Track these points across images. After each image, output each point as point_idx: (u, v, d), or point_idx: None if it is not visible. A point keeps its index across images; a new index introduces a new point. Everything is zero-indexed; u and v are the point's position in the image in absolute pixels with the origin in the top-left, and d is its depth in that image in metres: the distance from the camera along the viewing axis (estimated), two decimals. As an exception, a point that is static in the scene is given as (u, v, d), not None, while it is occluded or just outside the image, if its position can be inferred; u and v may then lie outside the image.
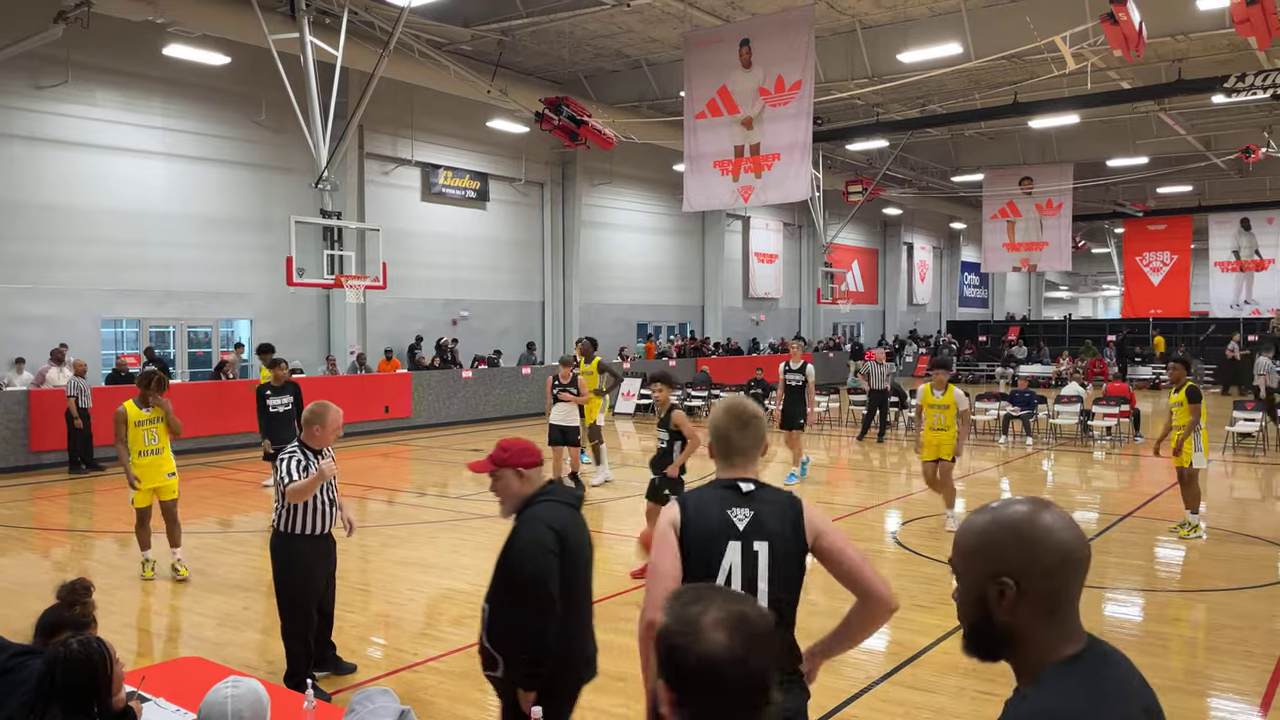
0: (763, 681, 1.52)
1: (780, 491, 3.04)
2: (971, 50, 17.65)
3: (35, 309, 16.64)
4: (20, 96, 16.44)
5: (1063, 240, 30.98)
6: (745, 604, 1.59)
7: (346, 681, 5.65)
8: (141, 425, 7.91)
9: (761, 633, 1.54)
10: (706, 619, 1.51)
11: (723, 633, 1.50)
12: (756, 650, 1.51)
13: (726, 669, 1.49)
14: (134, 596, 7.68)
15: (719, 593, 1.59)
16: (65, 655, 2.89)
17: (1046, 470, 14.86)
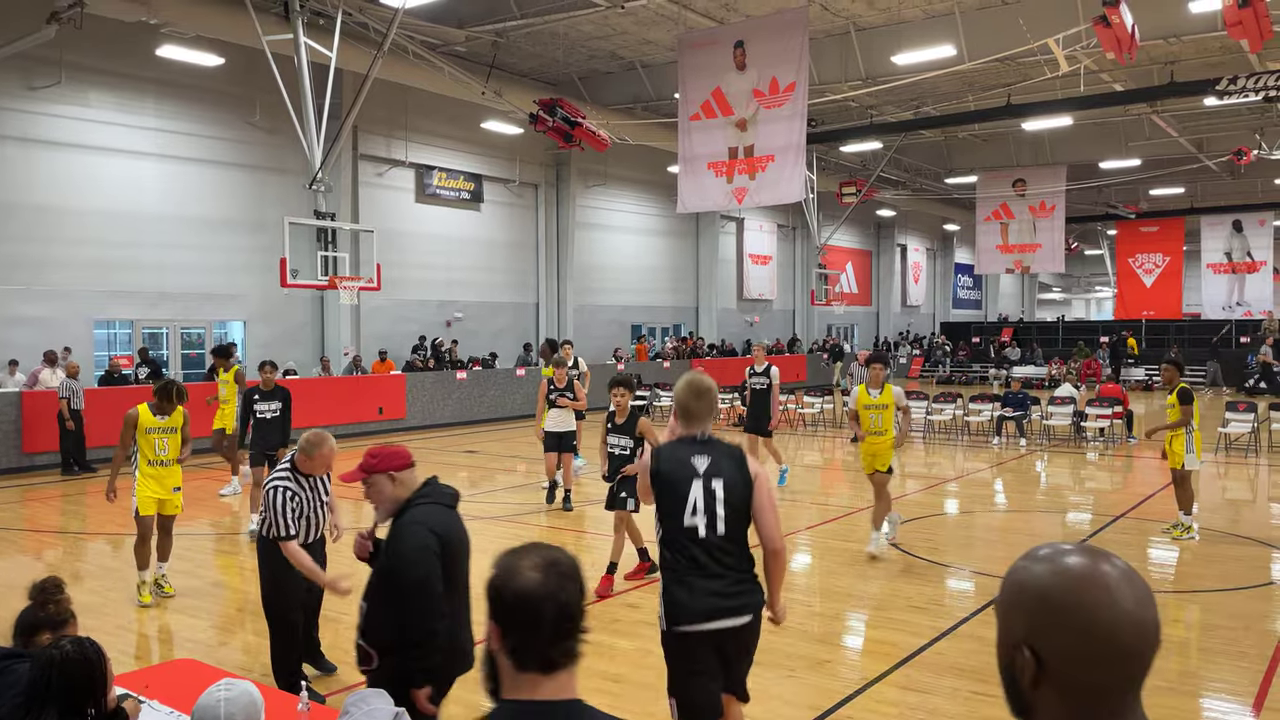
0: (572, 612, 1.74)
1: (727, 443, 3.86)
2: (965, 52, 17.70)
3: (28, 310, 16.58)
4: (13, 97, 16.40)
5: (1056, 242, 31.08)
6: (557, 552, 1.80)
7: (341, 683, 5.64)
8: (153, 433, 7.52)
9: (569, 572, 1.76)
10: (523, 563, 1.75)
11: (536, 572, 1.73)
12: (566, 586, 1.74)
13: (540, 602, 1.71)
14: (127, 599, 7.65)
15: (536, 546, 1.81)
16: (61, 657, 2.88)
17: (1040, 471, 14.90)
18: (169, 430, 7.53)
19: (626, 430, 7.85)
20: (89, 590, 7.95)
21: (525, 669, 1.72)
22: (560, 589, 1.72)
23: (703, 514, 3.69)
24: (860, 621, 7.15)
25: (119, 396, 15.57)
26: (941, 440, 18.20)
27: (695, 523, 3.69)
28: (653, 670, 5.97)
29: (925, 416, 19.08)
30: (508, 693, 1.74)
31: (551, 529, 10.26)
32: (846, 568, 8.67)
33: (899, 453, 8.99)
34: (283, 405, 9.90)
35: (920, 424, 19.24)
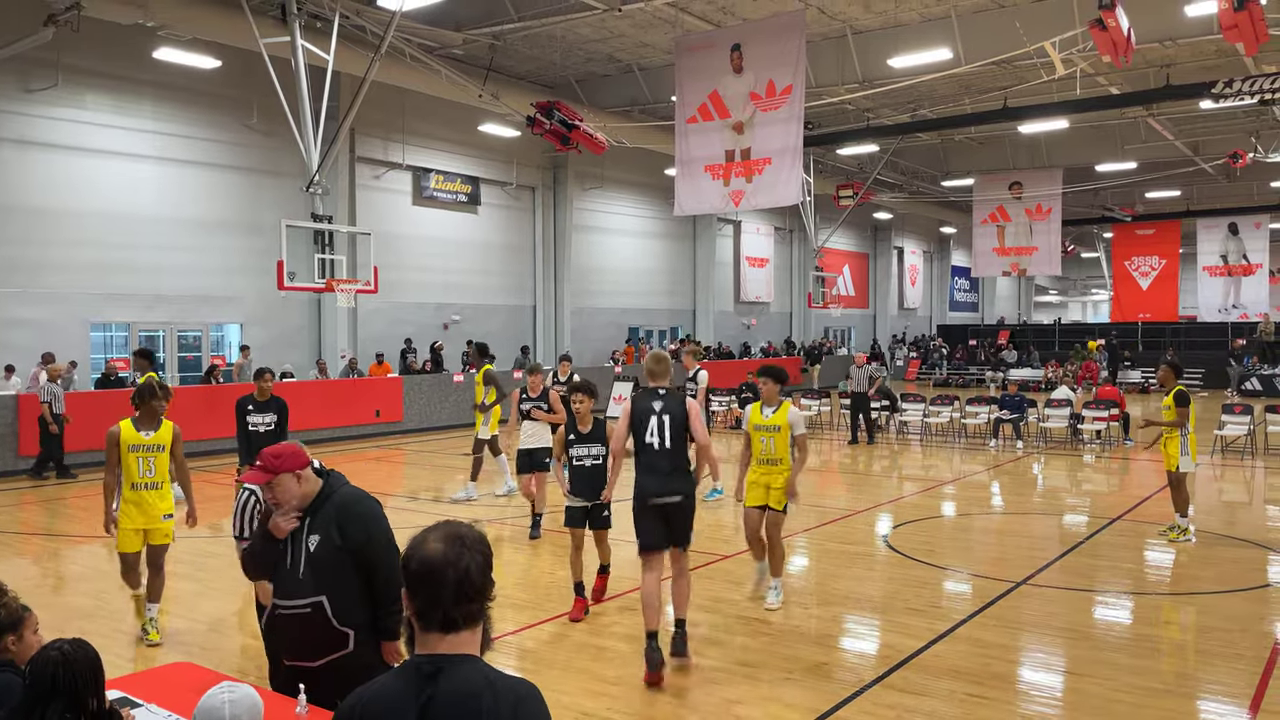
0: (471, 579, 1.98)
1: (678, 393, 6.17)
2: (962, 55, 17.74)
3: (25, 313, 16.56)
4: (9, 100, 16.39)
5: (1052, 245, 31.15)
6: (463, 528, 2.05)
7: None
8: (136, 452, 6.42)
9: (471, 544, 2.01)
10: (430, 536, 2.02)
11: (440, 543, 2.00)
12: (465, 555, 1.99)
13: (442, 569, 1.96)
14: (122, 601, 7.64)
15: (446, 523, 2.08)
16: (63, 657, 2.89)
17: (1037, 474, 14.92)
18: (154, 449, 6.46)
19: (594, 438, 7.06)
20: (83, 594, 7.94)
21: (429, 629, 1.98)
22: (459, 557, 1.98)
23: (656, 435, 6.01)
24: (857, 624, 7.15)
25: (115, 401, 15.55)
26: (938, 443, 18.22)
27: (652, 440, 6.02)
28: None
29: (922, 419, 19.10)
30: (417, 649, 2.00)
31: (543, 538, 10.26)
32: (844, 570, 8.67)
33: (795, 497, 7.11)
34: (279, 418, 8.90)
35: (917, 426, 19.28)
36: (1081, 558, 9.06)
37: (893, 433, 19.23)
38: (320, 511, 3.62)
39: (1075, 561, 8.90)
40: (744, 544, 9.57)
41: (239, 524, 4.75)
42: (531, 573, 8.51)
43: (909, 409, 19.48)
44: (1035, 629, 6.92)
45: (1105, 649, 6.43)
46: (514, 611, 7.29)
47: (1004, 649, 6.44)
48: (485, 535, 2.07)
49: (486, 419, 12.19)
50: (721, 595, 7.64)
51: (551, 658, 6.25)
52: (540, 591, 7.89)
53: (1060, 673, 6.08)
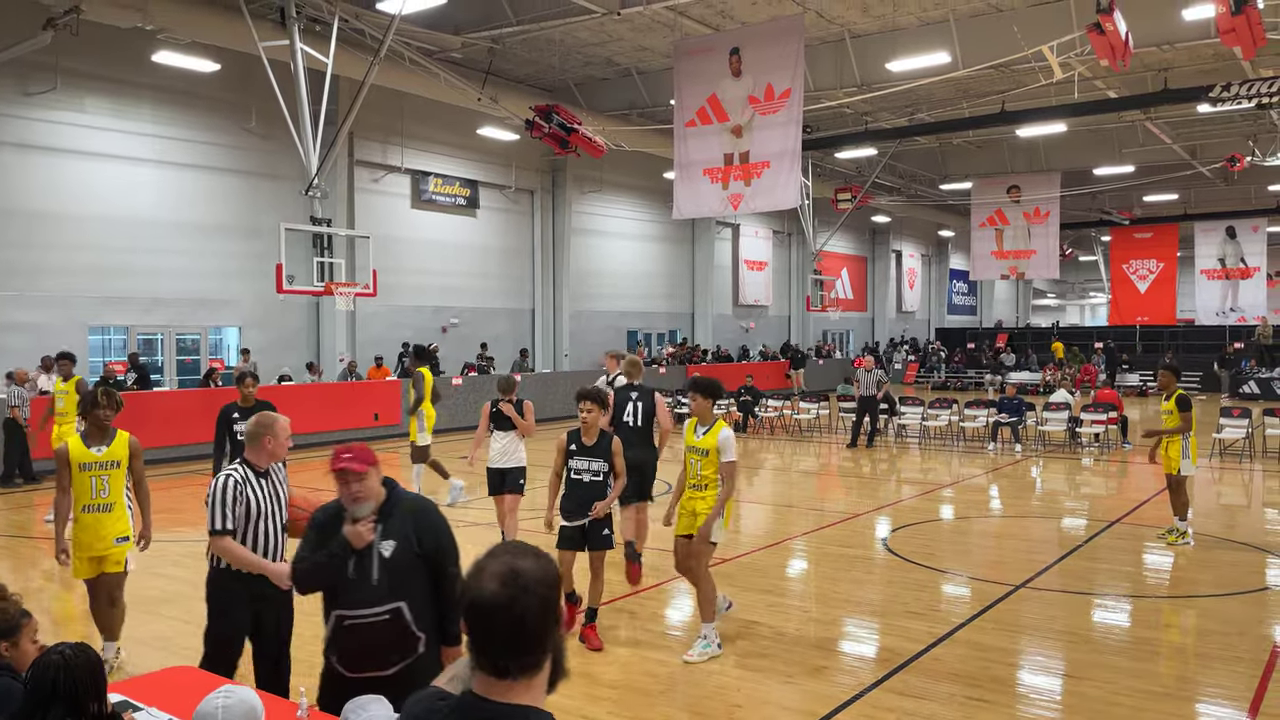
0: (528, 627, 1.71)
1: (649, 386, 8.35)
2: (960, 59, 17.77)
3: (23, 316, 16.54)
4: (8, 103, 16.39)
5: (1050, 248, 31.19)
6: (525, 560, 1.76)
7: (337, 690, 5.62)
8: (89, 470, 5.70)
9: (530, 584, 1.72)
10: (487, 569, 1.74)
11: (495, 583, 1.72)
12: (522, 600, 1.71)
13: (492, 613, 1.70)
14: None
15: (509, 548, 1.81)
16: (64, 661, 2.89)
17: (1035, 477, 14.93)
18: (108, 466, 5.75)
19: (598, 453, 6.36)
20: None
21: (481, 669, 1.75)
22: (513, 601, 1.70)
23: (631, 416, 8.14)
24: (857, 627, 7.16)
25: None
26: (937, 446, 18.23)
27: (628, 419, 8.11)
28: (651, 677, 5.97)
29: (921, 422, 19.11)
30: (474, 684, 1.77)
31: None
32: (843, 573, 8.67)
33: (720, 523, 6.33)
34: None
35: (916, 430, 19.28)
36: (1080, 561, 9.07)
37: (891, 436, 19.23)
38: (392, 517, 3.61)
39: (1074, 565, 8.91)
40: (741, 549, 9.58)
41: (221, 515, 4.41)
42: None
43: (908, 412, 19.49)
44: (1034, 632, 6.92)
45: (1104, 652, 6.43)
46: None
47: (1003, 652, 6.44)
48: (551, 568, 1.79)
49: (421, 424, 11.99)
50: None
51: (551, 661, 6.24)
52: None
53: (1059, 676, 6.08)
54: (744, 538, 10.35)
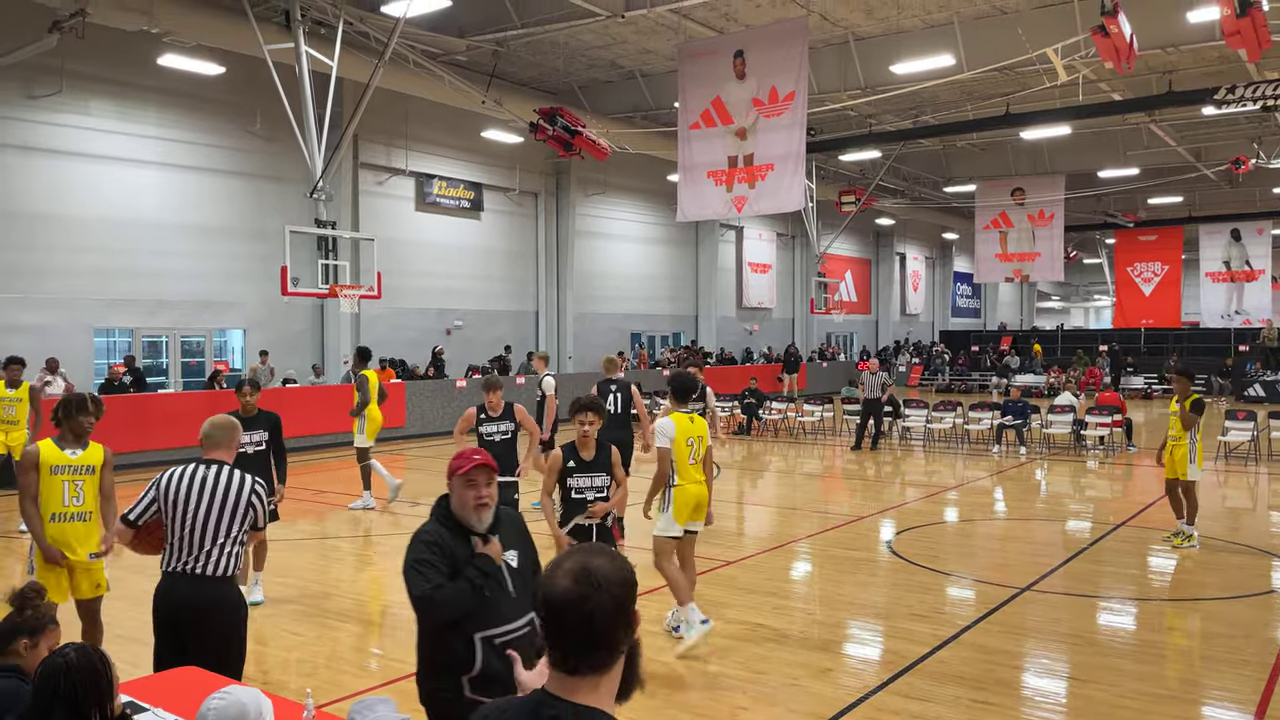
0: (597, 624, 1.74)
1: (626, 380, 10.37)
2: (964, 61, 17.76)
3: (27, 318, 16.58)
4: (14, 106, 16.44)
5: (1055, 251, 31.13)
6: (599, 559, 1.80)
7: (343, 690, 5.63)
8: (61, 474, 5.19)
9: (602, 582, 1.76)
10: (561, 566, 1.80)
11: (567, 579, 1.76)
12: (593, 597, 1.74)
13: (563, 609, 1.75)
14: (126, 608, 7.64)
15: (588, 549, 1.85)
16: (65, 665, 2.89)
17: (1040, 480, 14.90)
18: (83, 470, 5.25)
19: (599, 467, 5.86)
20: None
21: (553, 665, 1.80)
22: (584, 599, 1.74)
23: (612, 404, 9.75)
24: (862, 630, 7.15)
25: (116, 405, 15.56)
26: (941, 449, 18.21)
27: (610, 408, 9.41)
28: (654, 679, 5.96)
29: (925, 425, 19.09)
30: (549, 682, 1.81)
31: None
32: (848, 575, 8.66)
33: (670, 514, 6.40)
34: (269, 435, 7.42)
35: (920, 432, 19.27)
36: (1085, 563, 9.05)
37: (895, 439, 19.21)
38: (503, 526, 3.44)
39: (1079, 567, 8.89)
40: (745, 551, 9.58)
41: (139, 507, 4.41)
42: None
43: (912, 415, 19.47)
44: (1039, 635, 6.91)
45: (1110, 655, 6.42)
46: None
47: (1008, 655, 6.43)
48: (626, 568, 1.81)
49: (361, 426, 11.92)
50: (725, 600, 7.63)
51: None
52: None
53: (1064, 679, 6.07)
54: (748, 540, 10.35)
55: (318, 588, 8.31)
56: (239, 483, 4.39)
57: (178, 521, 4.36)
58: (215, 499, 4.34)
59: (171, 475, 4.43)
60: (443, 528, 3.34)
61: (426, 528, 3.36)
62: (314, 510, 11.80)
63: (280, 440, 7.51)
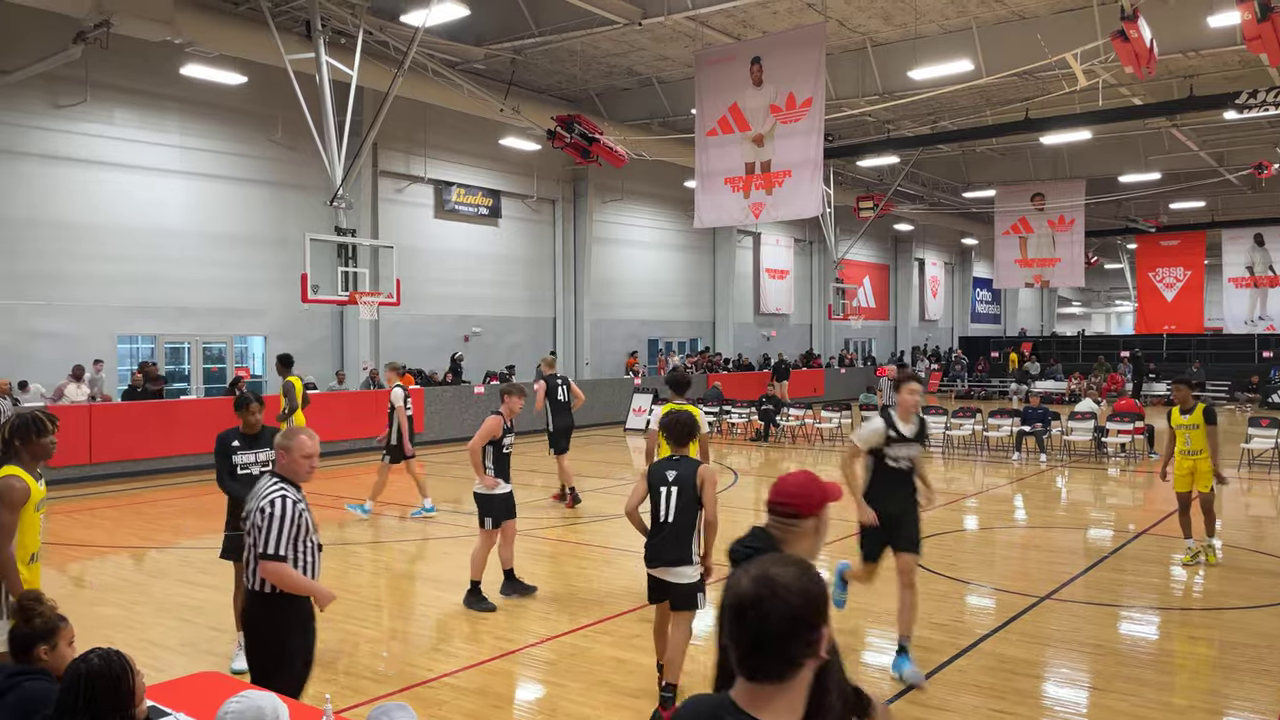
0: (772, 630, 1.74)
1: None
2: (983, 67, 17.71)
3: (52, 325, 16.79)
4: (39, 116, 16.66)
5: (1075, 256, 30.93)
6: (780, 567, 1.81)
7: (361, 696, 5.67)
8: (41, 509, 4.65)
9: (780, 589, 1.76)
10: (746, 571, 1.81)
11: (748, 582, 1.78)
12: (771, 601, 1.74)
13: (742, 611, 1.76)
14: (150, 613, 7.73)
15: (774, 557, 1.87)
16: (87, 670, 2.93)
17: (1060, 487, 14.79)
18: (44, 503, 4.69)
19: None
20: (113, 604, 8.02)
21: (736, 669, 1.80)
22: (759, 601, 1.75)
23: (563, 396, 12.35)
24: (879, 638, 7.12)
25: (141, 412, 15.73)
26: (961, 456, 18.11)
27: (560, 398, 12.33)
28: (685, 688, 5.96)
29: (944, 432, 19.00)
30: (735, 687, 1.82)
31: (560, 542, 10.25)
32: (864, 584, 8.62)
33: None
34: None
35: (939, 439, 19.19)
36: (1106, 572, 8.98)
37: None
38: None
39: (1100, 576, 8.82)
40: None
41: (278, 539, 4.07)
42: (553, 584, 8.52)
43: (930, 421, 19.33)
44: (1059, 644, 6.86)
45: (1130, 665, 6.37)
46: (535, 623, 7.31)
47: (1028, 664, 6.39)
48: (811, 581, 1.79)
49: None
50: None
51: (573, 670, 6.26)
52: (560, 604, 7.91)
53: (1085, 688, 6.03)
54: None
55: (337, 592, 8.35)
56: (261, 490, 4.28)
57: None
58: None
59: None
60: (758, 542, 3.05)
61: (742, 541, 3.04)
62: (336, 517, 11.88)
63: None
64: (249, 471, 6.38)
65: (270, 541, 4.05)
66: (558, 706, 5.63)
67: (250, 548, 4.15)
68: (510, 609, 7.68)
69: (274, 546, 4.05)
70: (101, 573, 9.25)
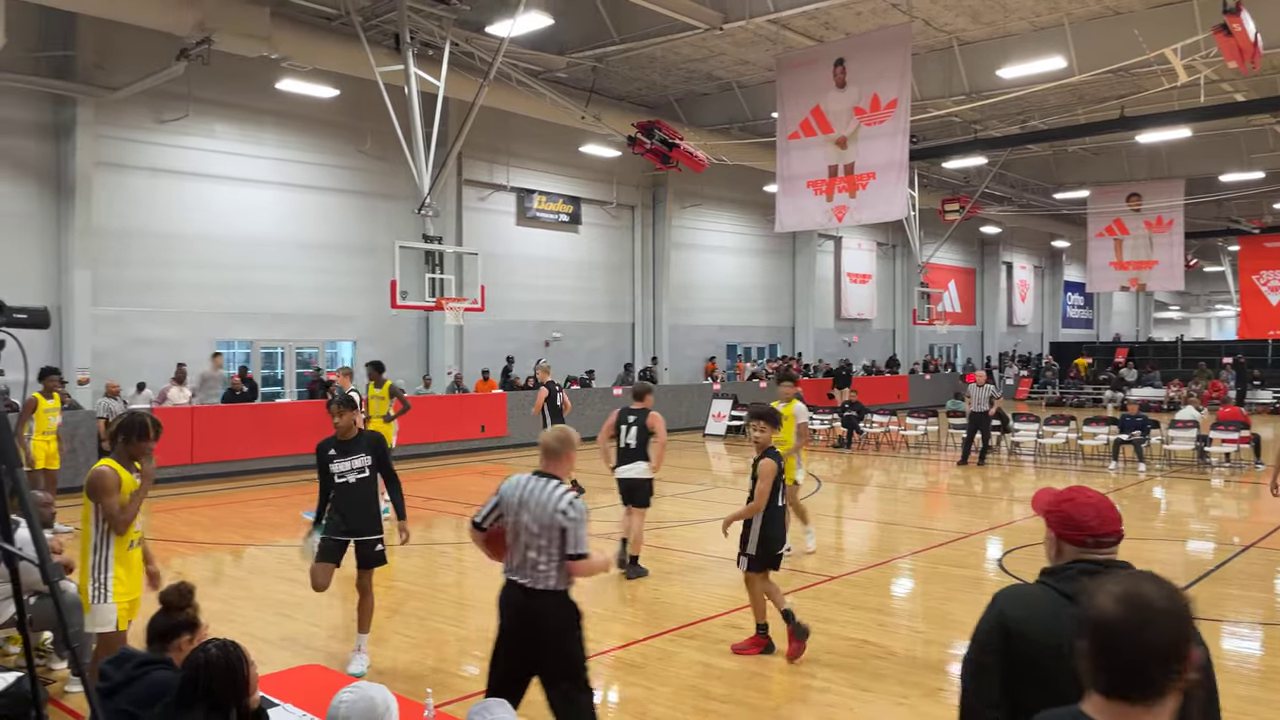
0: (1156, 652, 1.70)
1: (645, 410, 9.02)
2: (1075, 64, 17.19)
3: (156, 332, 17.54)
4: (145, 130, 17.45)
5: (1174, 259, 29.77)
6: (1148, 584, 1.76)
7: (459, 692, 5.77)
8: (136, 499, 4.98)
9: (1157, 609, 1.72)
10: (1106, 589, 1.76)
11: (1115, 604, 1.73)
12: (1152, 623, 1.71)
13: (1115, 637, 1.71)
14: (253, 609, 8.00)
15: (1130, 574, 1.83)
16: (207, 660, 3.05)
17: (1160, 498, 14.24)
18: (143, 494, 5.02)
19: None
20: (216, 599, 8.32)
21: (1098, 691, 1.77)
22: (1143, 626, 1.71)
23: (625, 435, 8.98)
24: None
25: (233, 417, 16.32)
26: (1053, 465, 17.58)
27: (625, 441, 8.99)
28: (759, 691, 5.93)
29: (1036, 440, 18.46)
30: (1085, 706, 1.78)
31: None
32: (956, 593, 8.43)
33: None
34: (374, 460, 6.36)
35: (1030, 448, 18.65)
36: (1211, 586, 8.60)
37: (1004, 454, 18.63)
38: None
39: (1203, 590, 8.45)
40: (846, 567, 9.44)
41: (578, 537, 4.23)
42: (638, 588, 8.54)
43: (1022, 429, 18.85)
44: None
45: (1236, 681, 6.09)
46: (622, 626, 7.34)
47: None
48: (1178, 598, 1.79)
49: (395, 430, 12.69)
50: (830, 615, 7.53)
51: (661, 674, 6.26)
52: (645, 608, 7.92)
53: (1192, 707, 5.77)
54: (849, 555, 10.19)
55: (426, 592, 8.54)
56: (555, 497, 4.30)
57: (509, 529, 4.37)
58: (537, 511, 4.30)
59: (513, 481, 4.42)
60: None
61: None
62: (423, 517, 12.12)
63: (389, 465, 6.42)
64: (345, 480, 6.26)
65: (582, 541, 4.24)
66: (646, 710, 5.64)
67: (547, 549, 4.22)
68: (596, 613, 7.72)
69: (585, 545, 4.26)
70: (203, 568, 9.60)
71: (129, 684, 3.30)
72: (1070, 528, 2.51)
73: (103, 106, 16.61)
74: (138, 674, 3.34)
